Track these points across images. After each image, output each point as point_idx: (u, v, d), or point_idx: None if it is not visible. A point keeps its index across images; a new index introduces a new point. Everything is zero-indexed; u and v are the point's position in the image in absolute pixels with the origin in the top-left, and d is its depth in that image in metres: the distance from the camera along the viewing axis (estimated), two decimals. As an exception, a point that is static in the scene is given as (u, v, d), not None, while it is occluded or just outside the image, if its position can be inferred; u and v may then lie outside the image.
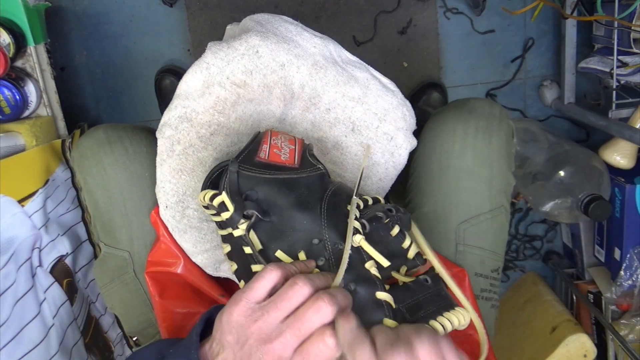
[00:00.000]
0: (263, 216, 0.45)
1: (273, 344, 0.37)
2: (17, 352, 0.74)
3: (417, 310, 0.43)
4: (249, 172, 0.48)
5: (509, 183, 0.65)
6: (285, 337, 0.37)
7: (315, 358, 0.36)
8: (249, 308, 0.39)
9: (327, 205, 0.47)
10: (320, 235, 0.45)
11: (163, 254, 0.62)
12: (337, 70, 0.61)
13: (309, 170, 0.51)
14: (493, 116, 0.63)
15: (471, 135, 0.62)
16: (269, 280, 0.40)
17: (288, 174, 0.49)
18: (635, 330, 1.09)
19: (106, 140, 0.63)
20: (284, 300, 0.38)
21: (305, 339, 0.37)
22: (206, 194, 0.48)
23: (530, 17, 1.21)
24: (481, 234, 0.63)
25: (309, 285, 0.38)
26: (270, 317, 0.37)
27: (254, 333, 0.37)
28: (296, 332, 0.37)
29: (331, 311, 0.37)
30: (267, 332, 0.37)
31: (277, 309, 0.38)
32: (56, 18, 1.16)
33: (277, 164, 0.50)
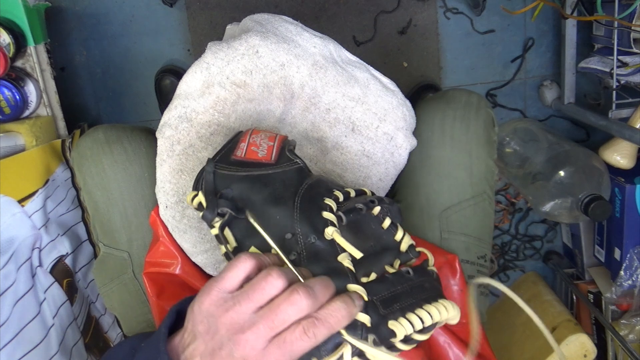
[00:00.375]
0: (237, 213, 0.45)
1: (245, 334, 0.35)
2: (17, 352, 0.74)
3: (393, 302, 0.41)
4: (224, 170, 0.48)
5: (491, 170, 0.65)
6: (259, 327, 0.35)
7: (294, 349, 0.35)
8: (221, 297, 0.37)
9: (301, 199, 0.46)
10: (293, 230, 0.44)
11: (161, 255, 0.62)
12: (337, 70, 0.61)
13: (285, 165, 0.50)
14: (470, 104, 0.64)
15: (449, 124, 0.63)
16: (242, 270, 0.38)
17: (263, 170, 0.49)
18: (635, 330, 1.09)
19: (105, 140, 0.63)
20: (257, 290, 0.37)
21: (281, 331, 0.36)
22: (190, 195, 0.48)
23: (530, 17, 1.21)
24: (464, 221, 0.64)
25: (283, 277, 0.37)
26: (242, 307, 0.36)
27: (226, 323, 0.36)
28: (270, 324, 0.35)
29: (307, 304, 0.36)
30: (239, 322, 0.36)
31: (250, 299, 0.36)
32: (56, 18, 1.16)
33: (253, 160, 0.49)
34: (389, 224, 0.47)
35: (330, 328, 0.36)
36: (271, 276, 0.37)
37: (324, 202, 0.46)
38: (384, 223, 0.47)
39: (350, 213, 0.46)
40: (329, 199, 0.46)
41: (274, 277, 0.37)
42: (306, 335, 0.35)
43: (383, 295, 0.42)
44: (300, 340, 0.35)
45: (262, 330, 0.35)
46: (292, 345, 0.35)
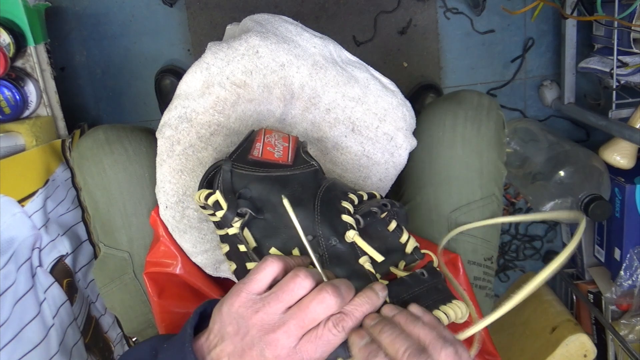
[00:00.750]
0: (256, 214, 0.45)
1: (276, 334, 0.36)
2: (17, 352, 0.74)
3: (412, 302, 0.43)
4: (242, 170, 0.48)
5: (500, 172, 0.65)
6: (289, 326, 0.36)
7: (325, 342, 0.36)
8: (250, 299, 0.38)
9: (320, 202, 0.46)
10: (314, 232, 0.44)
11: (162, 255, 0.62)
12: (337, 71, 0.61)
13: (302, 167, 0.51)
14: (482, 106, 0.64)
15: (460, 125, 0.63)
16: (270, 272, 0.39)
17: (281, 171, 0.49)
18: (635, 330, 1.09)
19: (106, 140, 0.63)
20: (286, 291, 0.38)
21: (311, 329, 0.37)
22: (201, 194, 0.48)
23: (530, 17, 1.21)
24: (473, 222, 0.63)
25: (310, 278, 0.38)
26: (272, 308, 0.37)
27: (256, 324, 0.37)
28: (300, 323, 0.36)
29: (335, 302, 0.37)
30: (270, 322, 0.37)
31: (279, 300, 0.37)
32: (56, 18, 1.16)
33: (270, 161, 0.50)
34: (394, 226, 0.48)
35: (356, 320, 0.38)
36: (299, 277, 0.38)
37: (341, 205, 0.46)
38: (389, 226, 0.48)
39: (367, 217, 0.47)
40: (345, 202, 0.47)
41: (301, 277, 0.38)
42: (336, 329, 0.36)
43: (403, 297, 0.43)
44: (330, 334, 0.36)
45: (292, 329, 0.36)
46: (323, 339, 0.36)
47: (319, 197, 0.47)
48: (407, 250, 0.49)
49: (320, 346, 0.36)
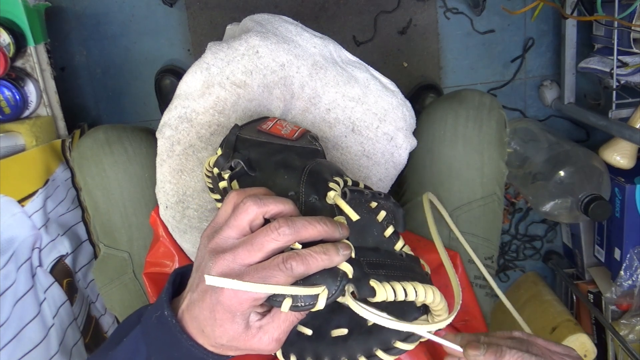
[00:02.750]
0: (249, 169, 0.47)
1: (225, 254, 0.36)
2: (17, 352, 0.74)
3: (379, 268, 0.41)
4: (247, 136, 0.51)
5: (501, 171, 0.66)
6: (238, 249, 0.36)
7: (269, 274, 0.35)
8: (211, 229, 0.39)
9: (310, 169, 0.46)
10: (297, 189, 0.44)
11: (162, 255, 0.62)
12: (337, 71, 0.61)
13: (304, 143, 0.52)
14: (483, 105, 0.64)
15: (461, 124, 0.63)
16: (230, 204, 0.40)
17: (282, 142, 0.51)
18: (635, 330, 1.09)
19: (106, 140, 0.63)
20: (234, 217, 0.38)
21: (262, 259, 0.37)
22: (210, 159, 0.50)
23: (530, 17, 1.21)
24: (474, 221, 0.64)
25: (254, 203, 0.38)
26: (224, 233, 0.38)
27: (210, 248, 0.38)
28: (248, 247, 0.36)
29: (285, 232, 0.36)
30: (221, 246, 0.37)
31: (229, 226, 0.38)
32: (56, 18, 1.16)
33: (275, 134, 0.52)
34: (391, 232, 0.47)
35: (308, 266, 0.36)
36: (245, 204, 0.38)
37: (332, 177, 0.46)
38: (386, 231, 0.47)
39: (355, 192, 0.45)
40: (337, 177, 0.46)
41: (247, 204, 0.38)
42: (283, 264, 0.35)
43: (371, 260, 0.41)
44: (277, 268, 0.35)
45: (240, 251, 0.36)
46: (268, 271, 0.35)
47: (311, 165, 0.47)
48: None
49: (263, 277, 0.35)
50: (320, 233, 0.38)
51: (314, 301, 0.36)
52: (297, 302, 0.36)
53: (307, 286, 0.36)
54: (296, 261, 0.35)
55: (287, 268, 0.35)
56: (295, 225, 0.37)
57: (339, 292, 0.37)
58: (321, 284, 0.37)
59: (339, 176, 0.46)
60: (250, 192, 0.40)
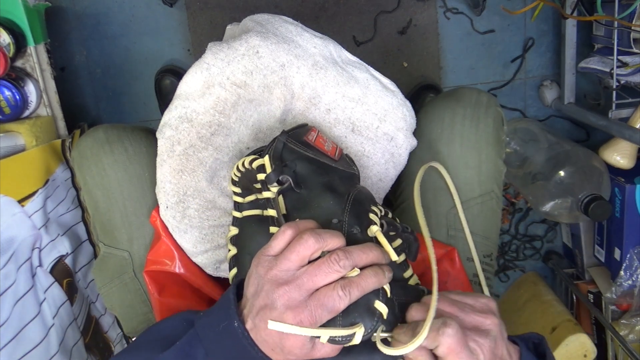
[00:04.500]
0: (295, 186, 0.48)
1: (288, 286, 0.39)
2: (17, 352, 0.74)
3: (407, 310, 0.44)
4: (294, 146, 0.52)
5: (499, 169, 0.66)
6: (300, 280, 0.39)
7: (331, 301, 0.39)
8: (267, 260, 0.41)
9: (354, 197, 0.49)
10: (341, 217, 0.46)
11: (163, 254, 0.62)
12: (337, 71, 0.61)
13: (345, 166, 0.54)
14: (480, 103, 0.64)
15: (459, 123, 0.63)
16: (286, 236, 0.42)
17: (327, 160, 0.53)
18: (635, 330, 1.09)
19: (106, 140, 0.63)
20: (292, 251, 0.40)
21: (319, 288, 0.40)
22: (247, 159, 0.51)
23: (530, 17, 1.21)
24: (472, 219, 0.64)
25: (313, 238, 0.40)
26: (283, 265, 0.40)
27: (269, 279, 0.40)
28: (310, 277, 0.39)
29: (344, 264, 0.40)
30: (282, 277, 0.40)
31: (287, 258, 0.40)
32: (56, 18, 1.16)
33: (320, 149, 0.53)
34: (402, 260, 0.50)
35: (362, 290, 0.40)
36: (303, 238, 0.41)
37: (371, 207, 0.49)
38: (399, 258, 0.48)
39: (390, 225, 0.49)
40: (375, 207, 0.49)
41: (305, 238, 0.40)
42: (342, 291, 0.39)
43: (401, 300, 0.45)
44: (337, 295, 0.39)
45: (303, 282, 0.39)
46: (329, 299, 0.39)
47: (354, 193, 0.49)
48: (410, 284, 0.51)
49: (326, 305, 0.39)
50: (372, 260, 0.42)
51: (350, 338, 0.40)
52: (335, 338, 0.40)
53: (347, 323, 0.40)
54: (352, 287, 0.40)
55: (346, 294, 0.39)
56: (352, 256, 0.41)
57: (373, 331, 0.41)
58: (359, 322, 0.40)
59: (375, 205, 0.50)
60: (305, 227, 0.43)
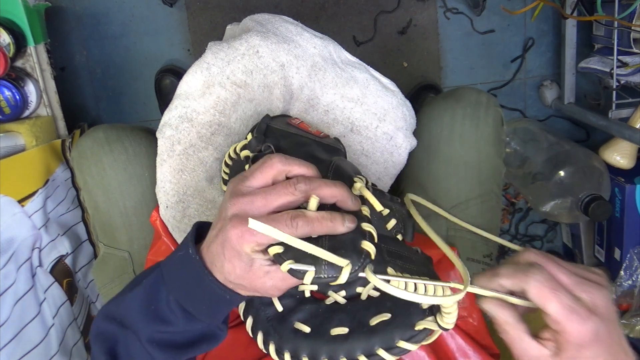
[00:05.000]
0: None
1: (243, 198, 0.39)
2: (17, 352, 0.74)
3: (397, 258, 0.43)
4: (277, 126, 0.53)
5: (499, 169, 0.66)
6: (255, 197, 0.39)
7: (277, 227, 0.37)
8: (237, 179, 0.41)
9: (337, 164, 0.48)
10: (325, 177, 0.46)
11: (163, 253, 0.62)
12: (336, 72, 0.61)
13: (330, 142, 0.54)
14: (480, 103, 0.64)
15: (458, 123, 0.63)
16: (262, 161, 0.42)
17: (310, 137, 0.53)
18: (635, 330, 1.09)
19: (105, 140, 0.63)
20: (258, 169, 0.41)
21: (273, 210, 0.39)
22: (231, 149, 0.52)
23: (530, 17, 1.21)
24: (471, 219, 0.64)
25: (279, 160, 0.40)
26: (247, 182, 0.40)
27: (231, 193, 0.40)
28: (265, 196, 0.39)
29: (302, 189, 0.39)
30: (242, 191, 0.40)
31: (253, 176, 0.40)
32: (56, 18, 1.16)
33: (304, 129, 0.54)
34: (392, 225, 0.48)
35: (312, 228, 0.38)
36: (270, 158, 0.41)
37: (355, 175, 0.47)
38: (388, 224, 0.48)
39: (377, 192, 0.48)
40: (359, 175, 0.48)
41: (272, 158, 0.41)
42: (290, 220, 0.37)
43: (390, 249, 0.43)
44: (284, 223, 0.37)
45: (258, 198, 0.39)
46: (275, 222, 0.37)
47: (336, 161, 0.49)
48: None
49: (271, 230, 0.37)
50: (335, 195, 0.40)
51: (336, 274, 0.37)
52: (321, 273, 0.37)
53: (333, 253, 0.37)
54: (302, 221, 0.38)
55: (293, 225, 0.37)
56: (312, 183, 0.39)
57: (361, 269, 0.38)
58: (346, 258, 0.38)
59: (360, 175, 0.48)
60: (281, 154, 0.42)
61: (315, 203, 0.39)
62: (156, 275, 0.43)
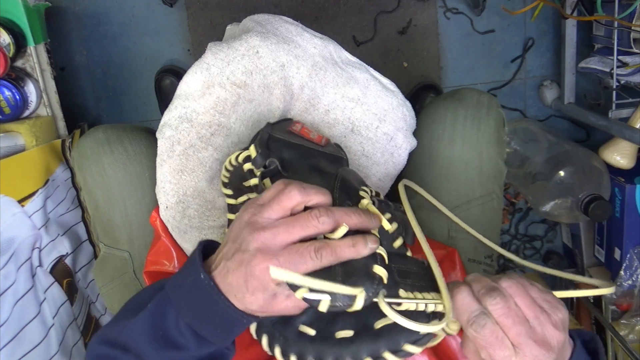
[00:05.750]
0: (282, 170, 0.48)
1: (265, 232, 0.39)
2: (17, 352, 0.74)
3: (407, 277, 0.43)
4: (279, 135, 0.52)
5: (500, 170, 0.66)
6: (278, 229, 0.39)
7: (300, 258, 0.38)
8: (253, 208, 0.41)
9: (342, 176, 0.48)
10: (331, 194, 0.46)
11: (163, 254, 0.62)
12: (337, 72, 0.61)
13: (332, 150, 0.54)
14: (481, 104, 0.64)
15: (460, 123, 0.63)
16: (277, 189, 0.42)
17: (313, 146, 0.53)
18: (635, 330, 1.09)
19: (106, 140, 0.63)
20: (276, 201, 0.40)
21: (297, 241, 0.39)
22: (233, 156, 0.52)
23: (530, 17, 1.21)
24: (473, 220, 0.64)
25: (297, 190, 0.40)
26: (265, 213, 0.40)
27: (249, 224, 0.40)
28: (288, 228, 0.39)
29: (323, 221, 0.39)
30: (262, 224, 0.39)
31: (271, 208, 0.40)
32: (56, 18, 1.16)
33: (305, 137, 0.54)
34: (400, 244, 0.48)
35: (336, 257, 0.39)
36: (287, 189, 0.40)
37: (361, 186, 0.48)
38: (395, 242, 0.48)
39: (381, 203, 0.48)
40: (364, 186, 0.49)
41: (289, 189, 0.40)
42: (314, 252, 0.38)
43: (400, 267, 0.44)
44: (307, 254, 0.38)
45: (279, 231, 0.39)
46: (299, 257, 0.38)
47: (341, 173, 0.49)
48: None
49: (295, 262, 0.38)
50: (356, 223, 0.41)
51: (351, 302, 0.38)
52: (336, 302, 0.38)
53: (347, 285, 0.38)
54: (327, 251, 0.38)
55: (318, 257, 0.38)
56: (334, 214, 0.40)
57: (375, 295, 0.39)
58: (359, 285, 0.39)
59: (364, 186, 0.49)
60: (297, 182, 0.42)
61: (342, 233, 0.40)
62: (161, 299, 0.42)
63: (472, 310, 0.39)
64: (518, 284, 0.40)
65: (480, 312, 0.39)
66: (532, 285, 0.41)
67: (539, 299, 0.40)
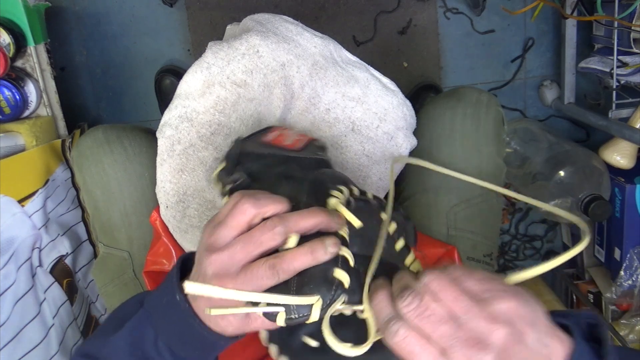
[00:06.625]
0: (251, 182, 0.46)
1: (221, 253, 0.37)
2: (17, 352, 0.74)
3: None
4: (250, 148, 0.51)
5: (499, 168, 0.66)
6: (234, 248, 0.37)
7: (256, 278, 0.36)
8: (211, 227, 0.39)
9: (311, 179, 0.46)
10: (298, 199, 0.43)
11: (162, 254, 0.62)
12: (337, 71, 0.61)
13: (308, 154, 0.51)
14: (480, 102, 0.64)
15: (459, 122, 0.63)
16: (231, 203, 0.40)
17: (285, 153, 0.50)
18: (635, 330, 1.09)
19: (105, 140, 0.63)
20: (230, 216, 0.38)
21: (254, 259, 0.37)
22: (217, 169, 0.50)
23: (530, 17, 1.21)
24: (472, 218, 0.64)
25: (250, 203, 0.38)
26: (221, 231, 0.38)
27: (206, 246, 0.38)
28: (244, 246, 0.37)
29: (280, 232, 0.37)
30: (219, 244, 0.38)
31: (226, 225, 0.38)
32: (56, 18, 1.16)
33: (278, 146, 0.51)
34: (402, 246, 0.46)
35: (293, 269, 0.36)
36: (239, 203, 0.38)
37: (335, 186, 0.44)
38: (397, 244, 0.46)
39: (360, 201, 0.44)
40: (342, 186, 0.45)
41: (241, 202, 0.38)
42: (269, 270, 0.36)
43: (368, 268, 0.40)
44: (263, 273, 0.36)
45: (235, 251, 0.37)
46: (255, 276, 0.36)
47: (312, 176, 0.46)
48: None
49: (254, 282, 0.36)
50: (316, 224, 0.38)
51: (308, 312, 0.36)
52: (291, 314, 0.36)
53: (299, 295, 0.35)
54: (281, 265, 0.36)
55: (274, 274, 0.36)
56: (288, 222, 0.37)
57: (333, 302, 0.36)
58: (315, 293, 0.36)
59: (344, 185, 0.45)
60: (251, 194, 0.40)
61: (295, 241, 0.37)
62: (140, 317, 0.41)
63: (383, 316, 0.35)
64: (443, 276, 0.34)
65: (391, 318, 0.34)
66: (470, 275, 0.34)
67: (477, 290, 0.33)
